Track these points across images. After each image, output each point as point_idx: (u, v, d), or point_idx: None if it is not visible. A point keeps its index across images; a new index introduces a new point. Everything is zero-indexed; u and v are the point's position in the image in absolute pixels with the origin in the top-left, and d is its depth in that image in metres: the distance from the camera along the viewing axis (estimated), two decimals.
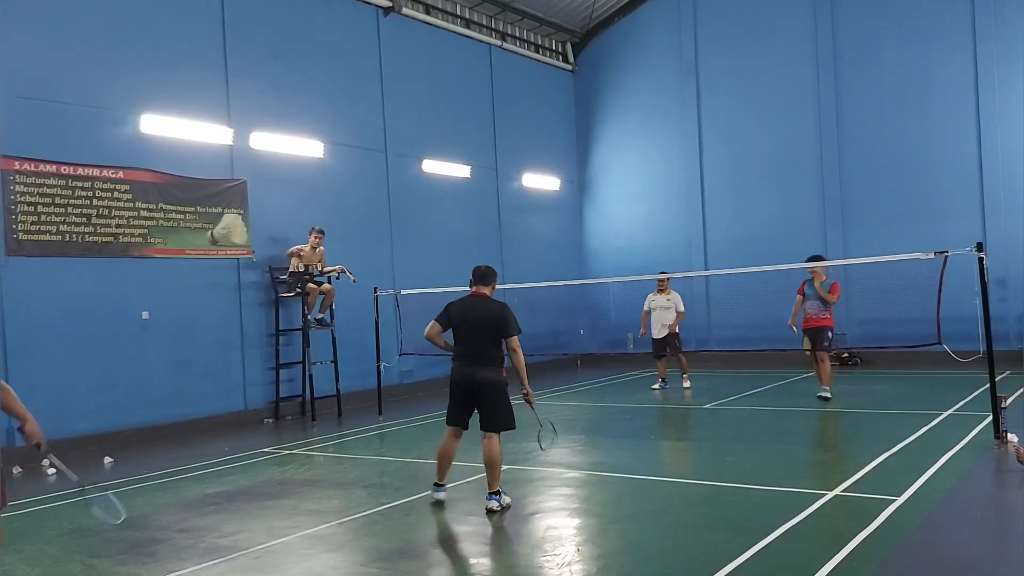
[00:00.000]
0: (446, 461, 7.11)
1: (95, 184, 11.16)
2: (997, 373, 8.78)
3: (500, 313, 6.99)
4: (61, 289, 10.80)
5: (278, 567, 5.64)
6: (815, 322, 11.96)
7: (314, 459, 9.90)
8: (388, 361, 13.54)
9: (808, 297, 12.05)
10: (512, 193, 18.89)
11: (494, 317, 6.98)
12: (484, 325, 6.96)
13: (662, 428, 11.39)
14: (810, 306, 12.00)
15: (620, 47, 20.27)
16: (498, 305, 7.08)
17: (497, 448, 6.89)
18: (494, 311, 7.02)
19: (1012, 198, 15.50)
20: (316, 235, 13.12)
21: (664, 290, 14.25)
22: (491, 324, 6.96)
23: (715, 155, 18.82)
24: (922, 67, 16.47)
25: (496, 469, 6.88)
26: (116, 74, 11.56)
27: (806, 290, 12.10)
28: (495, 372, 6.97)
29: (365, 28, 15.47)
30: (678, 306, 14.11)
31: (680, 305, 14.13)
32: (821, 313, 11.94)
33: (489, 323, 6.96)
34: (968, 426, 9.24)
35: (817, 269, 11.88)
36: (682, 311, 14.14)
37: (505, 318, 6.97)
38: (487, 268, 7.34)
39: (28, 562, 6.06)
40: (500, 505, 6.82)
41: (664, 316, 14.12)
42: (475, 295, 7.21)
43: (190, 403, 12.04)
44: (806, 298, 12.08)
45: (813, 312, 11.97)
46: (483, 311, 7.04)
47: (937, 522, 5.95)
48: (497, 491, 6.88)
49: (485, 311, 7.04)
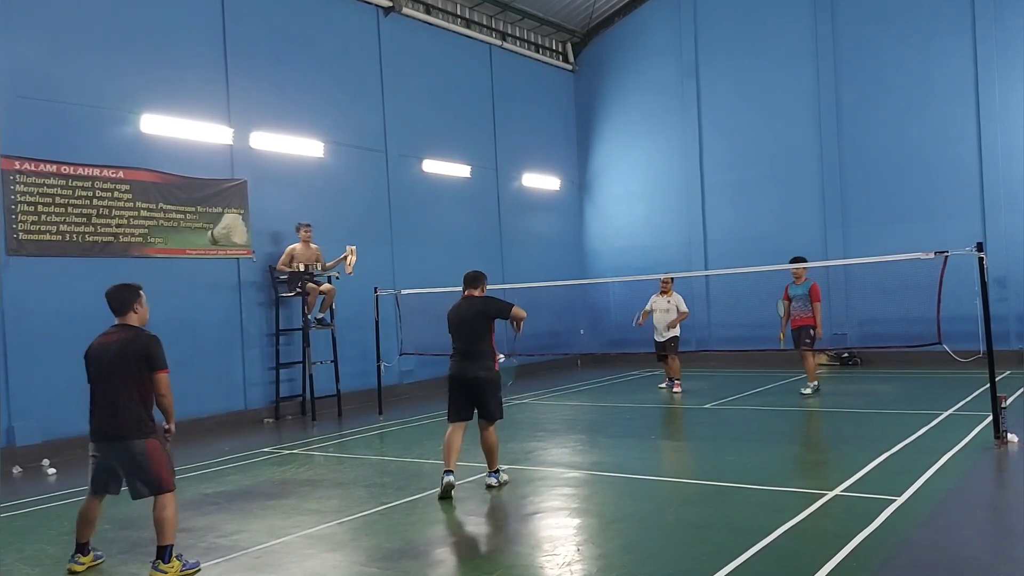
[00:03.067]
0: (452, 449, 7.41)
1: (95, 184, 11.16)
2: (997, 373, 8.78)
3: (483, 304, 7.58)
4: (61, 289, 10.79)
5: (278, 567, 5.65)
6: (799, 321, 12.71)
7: (314, 459, 9.90)
8: (388, 361, 13.54)
9: (794, 299, 12.78)
10: (512, 193, 18.89)
11: (478, 309, 7.53)
12: (472, 319, 7.50)
13: (662, 428, 11.39)
14: (795, 307, 12.75)
15: (620, 47, 20.27)
16: (481, 298, 7.66)
17: (493, 436, 7.59)
18: (477, 304, 7.58)
19: (1012, 198, 15.50)
20: (305, 230, 13.07)
21: (667, 292, 14.11)
22: (478, 316, 7.50)
23: (715, 155, 18.82)
24: (922, 67, 16.47)
25: (494, 453, 7.60)
26: (116, 74, 11.57)
27: (791, 292, 12.83)
28: (487, 367, 7.49)
29: (365, 28, 15.47)
30: (679, 307, 14.01)
31: (683, 306, 13.99)
32: (804, 313, 12.70)
33: (475, 316, 7.50)
34: (968, 426, 9.25)
35: (800, 271, 12.63)
36: (685, 311, 14.01)
37: (488, 304, 7.57)
38: (475, 272, 7.83)
39: (28, 562, 6.06)
40: (498, 482, 7.57)
41: (664, 319, 13.99)
42: (465, 297, 7.72)
43: (190, 403, 12.01)
44: (792, 300, 12.80)
45: (797, 312, 12.74)
46: (469, 308, 7.59)
47: (937, 522, 5.95)
48: (496, 470, 7.65)
49: (470, 307, 7.59)
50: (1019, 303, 15.26)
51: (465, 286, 7.77)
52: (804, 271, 12.68)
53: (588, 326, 20.03)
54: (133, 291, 5.80)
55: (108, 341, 5.71)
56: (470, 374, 7.44)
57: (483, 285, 7.77)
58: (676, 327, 14.01)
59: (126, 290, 5.79)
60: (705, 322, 18.08)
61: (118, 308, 5.77)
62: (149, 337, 5.70)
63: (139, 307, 5.80)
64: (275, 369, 13.24)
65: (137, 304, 5.78)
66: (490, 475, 7.65)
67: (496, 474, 7.66)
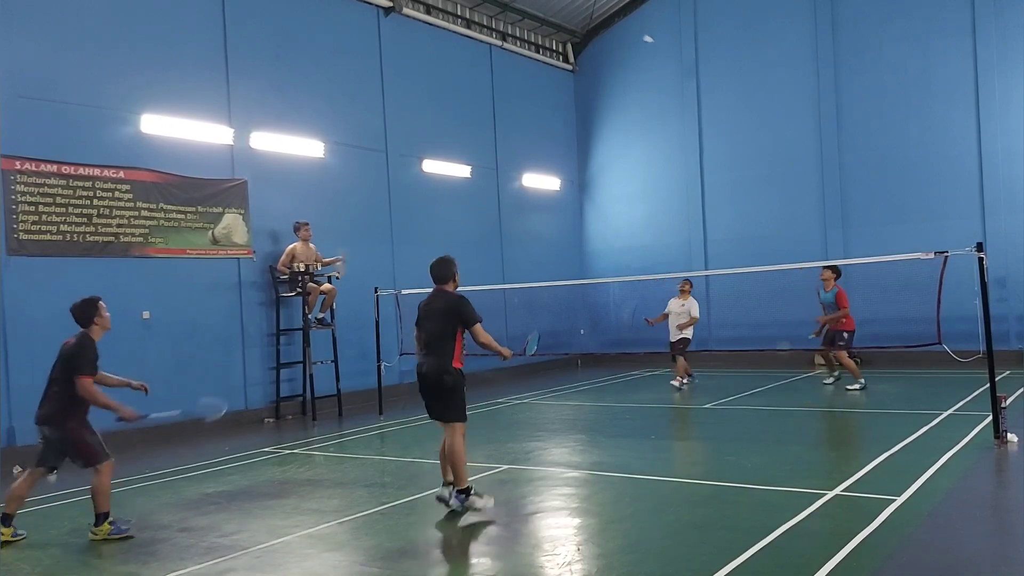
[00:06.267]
0: (442, 457, 6.92)
1: (96, 184, 11.16)
2: (997, 373, 8.78)
3: (456, 304, 6.90)
4: (62, 289, 10.72)
5: (279, 566, 5.65)
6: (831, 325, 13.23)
7: (315, 459, 9.90)
8: (388, 361, 13.54)
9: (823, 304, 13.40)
10: (512, 193, 18.89)
11: (450, 307, 6.87)
12: (440, 316, 6.87)
13: (662, 428, 11.39)
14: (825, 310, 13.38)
15: (620, 47, 20.27)
16: (455, 296, 7.01)
17: (457, 443, 6.70)
18: (451, 301, 6.93)
19: (1012, 198, 15.50)
20: (305, 229, 13.09)
21: (685, 293, 14.42)
22: (447, 314, 6.86)
23: (715, 155, 18.82)
24: (922, 67, 16.47)
25: (456, 463, 6.66)
26: (117, 74, 11.56)
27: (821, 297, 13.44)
28: (448, 363, 6.81)
29: (365, 28, 15.47)
30: (692, 311, 14.22)
31: (695, 311, 14.25)
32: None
33: (445, 313, 6.86)
34: (968, 426, 9.25)
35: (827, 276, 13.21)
36: (696, 316, 14.24)
37: (462, 308, 6.85)
38: (442, 262, 7.12)
39: (29, 562, 6.06)
40: (462, 507, 6.54)
41: (678, 320, 14.31)
42: (436, 291, 7.10)
43: (191, 403, 11.98)
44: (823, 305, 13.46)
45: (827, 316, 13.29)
46: (439, 303, 6.96)
47: (937, 521, 5.95)
48: (466, 489, 6.63)
49: (442, 302, 6.95)
50: (1019, 303, 15.26)
51: (434, 279, 7.11)
52: (832, 276, 13.21)
53: (588, 326, 20.03)
54: (92, 304, 6.75)
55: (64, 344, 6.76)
56: (434, 369, 6.81)
57: (454, 278, 7.10)
58: (688, 330, 14.29)
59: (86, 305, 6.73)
60: (705, 322, 18.00)
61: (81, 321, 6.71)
62: (75, 345, 6.62)
63: (98, 318, 6.73)
64: (275, 369, 13.24)
65: (96, 316, 6.71)
66: (454, 494, 6.62)
67: (462, 496, 6.60)
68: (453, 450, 6.67)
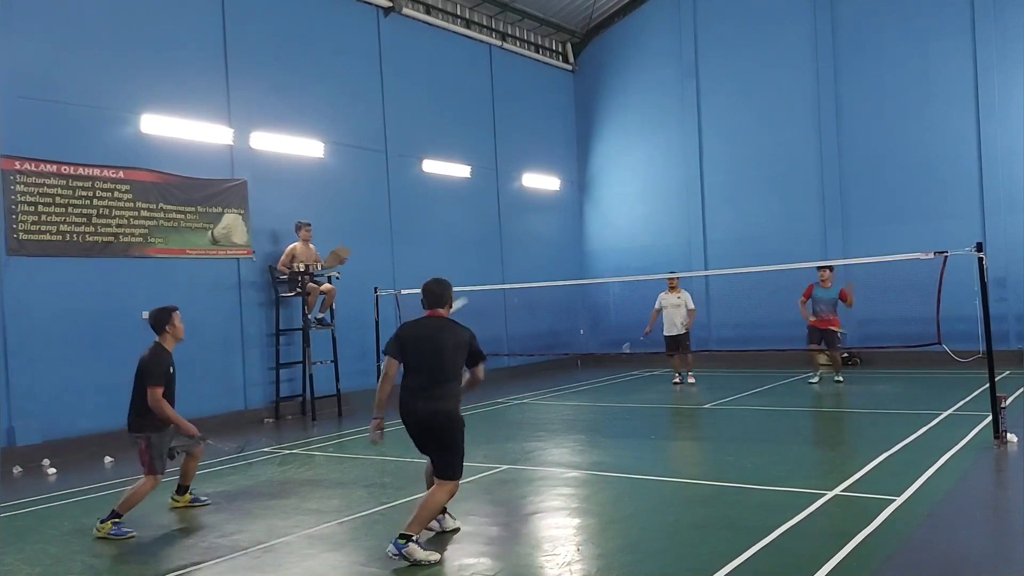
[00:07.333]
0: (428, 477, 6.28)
1: (96, 184, 11.16)
2: (997, 373, 8.79)
3: (471, 339, 5.98)
4: (62, 289, 10.80)
5: (278, 567, 5.65)
6: (826, 323, 13.44)
7: (314, 459, 9.91)
8: None
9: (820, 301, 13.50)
10: (512, 193, 18.89)
11: (463, 342, 5.93)
12: (450, 351, 5.86)
13: (662, 428, 11.39)
14: (821, 308, 13.48)
15: (620, 47, 20.27)
16: (465, 329, 6.02)
17: (441, 496, 5.83)
18: (463, 335, 5.96)
19: (1012, 198, 15.50)
20: (305, 229, 13.11)
21: (675, 288, 14.52)
22: (460, 349, 5.91)
23: (715, 155, 18.82)
24: (922, 67, 16.47)
25: (425, 514, 5.71)
26: (117, 74, 11.57)
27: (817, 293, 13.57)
28: (455, 407, 5.91)
29: (365, 28, 15.47)
30: (688, 304, 14.31)
31: (690, 303, 14.41)
32: (831, 315, 13.45)
33: (458, 348, 5.90)
34: (968, 426, 9.25)
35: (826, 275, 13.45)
36: (693, 308, 14.46)
37: (476, 344, 6.01)
38: (439, 284, 6.12)
39: (29, 562, 6.06)
40: (398, 554, 5.43)
41: (675, 314, 14.42)
42: (432, 317, 6.07)
43: (190, 403, 11.92)
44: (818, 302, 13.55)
45: (823, 314, 13.46)
46: (447, 335, 5.92)
47: (937, 522, 5.96)
48: (407, 536, 5.51)
49: (451, 335, 5.93)
50: (1019, 303, 15.26)
51: (430, 303, 6.08)
52: (831, 275, 13.49)
53: (588, 326, 20.04)
54: (166, 313, 7.14)
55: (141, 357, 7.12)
56: (430, 412, 5.81)
57: (450, 298, 6.15)
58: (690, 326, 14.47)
59: (161, 313, 7.15)
60: (705, 322, 18.06)
61: (155, 328, 7.12)
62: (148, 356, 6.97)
63: (170, 327, 7.13)
64: (275, 369, 13.25)
65: (169, 325, 7.11)
66: (395, 541, 5.51)
67: (403, 544, 5.46)
68: (432, 500, 5.81)
